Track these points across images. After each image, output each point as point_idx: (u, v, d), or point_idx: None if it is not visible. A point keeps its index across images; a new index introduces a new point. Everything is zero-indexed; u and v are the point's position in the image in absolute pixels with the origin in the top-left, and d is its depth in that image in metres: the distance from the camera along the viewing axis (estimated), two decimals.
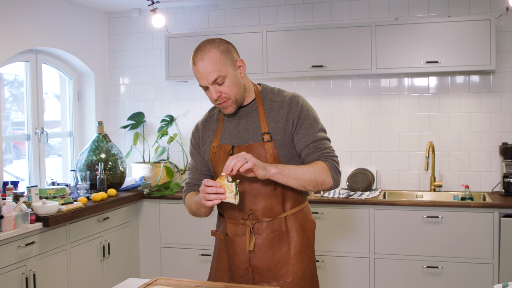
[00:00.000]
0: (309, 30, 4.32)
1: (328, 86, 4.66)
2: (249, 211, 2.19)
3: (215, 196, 1.99)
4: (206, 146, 2.31)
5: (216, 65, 2.11)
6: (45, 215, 3.47)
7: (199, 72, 2.13)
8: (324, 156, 2.17)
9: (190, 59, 2.17)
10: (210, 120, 2.37)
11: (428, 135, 4.46)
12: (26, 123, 4.34)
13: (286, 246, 2.20)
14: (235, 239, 2.21)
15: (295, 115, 2.20)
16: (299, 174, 2.09)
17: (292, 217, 2.23)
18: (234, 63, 2.17)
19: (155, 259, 4.58)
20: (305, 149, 2.19)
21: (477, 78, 4.35)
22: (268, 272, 2.20)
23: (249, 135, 2.21)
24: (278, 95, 2.27)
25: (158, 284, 2.08)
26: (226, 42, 2.18)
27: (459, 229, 3.87)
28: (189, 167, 2.43)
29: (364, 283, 4.07)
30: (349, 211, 4.06)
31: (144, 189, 4.62)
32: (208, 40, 2.17)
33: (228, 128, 2.27)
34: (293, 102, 2.22)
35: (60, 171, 4.86)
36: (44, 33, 4.31)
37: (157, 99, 5.09)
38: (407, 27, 4.13)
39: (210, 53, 2.11)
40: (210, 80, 2.12)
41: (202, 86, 2.17)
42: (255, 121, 2.22)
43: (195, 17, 4.94)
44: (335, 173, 2.16)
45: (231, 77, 2.15)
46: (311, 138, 2.19)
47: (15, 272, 3.28)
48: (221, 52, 2.13)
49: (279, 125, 2.19)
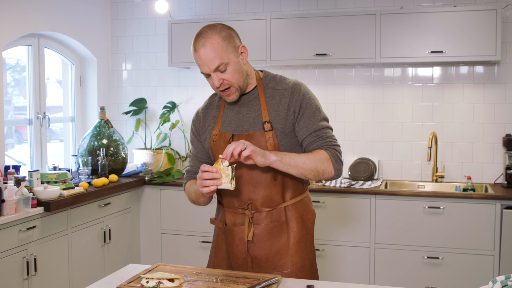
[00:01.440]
0: (313, 18, 4.29)
1: (332, 75, 4.63)
2: (249, 201, 2.17)
3: (211, 182, 1.95)
4: (207, 134, 2.28)
5: (218, 52, 2.06)
6: (47, 200, 3.47)
7: (200, 59, 2.08)
8: (326, 145, 2.14)
9: (191, 45, 2.12)
10: (211, 107, 2.33)
11: (431, 125, 4.44)
12: (28, 107, 4.33)
13: (285, 236, 2.18)
14: (233, 228, 2.19)
15: (297, 103, 2.16)
16: (300, 162, 2.06)
17: (292, 207, 2.21)
18: (236, 50, 2.12)
19: (155, 245, 4.59)
20: (307, 138, 2.16)
21: (482, 68, 4.32)
22: (267, 262, 2.19)
23: (250, 123, 2.18)
24: (280, 82, 2.23)
25: (159, 270, 2.08)
26: (227, 28, 2.13)
27: (461, 220, 3.87)
28: (190, 155, 2.40)
29: (364, 273, 4.07)
30: (351, 201, 4.06)
31: (145, 175, 4.62)
32: (209, 25, 2.11)
33: (229, 116, 2.24)
34: (295, 90, 2.18)
35: (61, 156, 4.85)
36: (46, 18, 4.28)
37: (159, 85, 5.07)
38: (412, 16, 4.10)
39: (212, 40, 2.06)
40: (212, 67, 2.07)
41: (204, 73, 2.12)
42: (256, 110, 2.19)
43: (198, 3, 4.90)
44: (336, 162, 2.12)
45: (234, 63, 2.10)
46: (313, 127, 2.15)
47: (16, 256, 3.29)
48: (223, 38, 2.08)
49: (280, 113, 2.16)
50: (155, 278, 1.91)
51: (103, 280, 2.05)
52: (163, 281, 1.91)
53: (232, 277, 2.01)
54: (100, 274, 4.05)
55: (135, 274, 2.07)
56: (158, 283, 1.90)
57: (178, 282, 1.92)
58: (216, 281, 1.97)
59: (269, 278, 1.96)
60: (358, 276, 4.08)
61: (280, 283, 1.99)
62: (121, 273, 2.14)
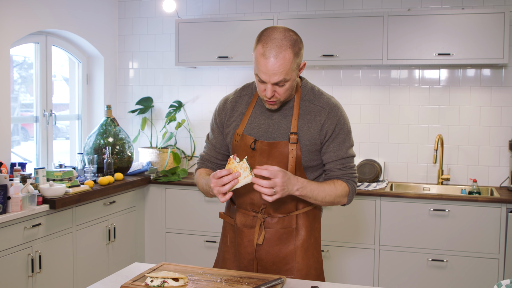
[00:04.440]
0: (321, 19, 4.29)
1: (338, 76, 4.63)
2: (263, 205, 2.17)
3: (229, 186, 1.94)
4: (231, 129, 2.23)
5: (286, 68, 1.97)
6: (52, 197, 3.48)
7: (266, 67, 1.97)
8: (348, 176, 2.19)
9: (259, 46, 2.00)
10: (240, 101, 2.25)
11: (437, 127, 4.43)
12: (34, 105, 4.35)
13: (293, 243, 2.19)
14: (244, 230, 2.20)
15: (331, 126, 2.14)
16: (320, 197, 2.11)
17: (303, 215, 2.21)
18: (298, 66, 2.05)
19: (160, 244, 4.59)
20: (332, 163, 2.18)
21: (489, 71, 4.31)
22: (272, 266, 2.20)
23: (279, 132, 2.15)
24: (318, 98, 2.18)
25: (164, 269, 2.09)
26: (300, 41, 2.03)
27: (466, 223, 3.86)
28: (207, 141, 2.35)
29: (368, 274, 4.07)
30: (356, 202, 4.05)
31: (150, 174, 4.63)
32: (285, 32, 2.00)
33: (259, 118, 2.19)
34: (332, 111, 2.15)
35: (67, 154, 4.87)
36: (54, 15, 4.30)
37: (165, 84, 5.08)
38: (420, 18, 4.09)
39: (285, 53, 1.96)
40: (273, 80, 1.99)
41: (261, 78, 2.02)
42: (287, 119, 2.15)
43: (206, 3, 4.90)
44: (352, 195, 2.21)
45: (292, 81, 2.04)
46: (340, 154, 2.17)
47: (21, 253, 3.30)
48: (295, 54, 1.99)
49: (312, 131, 2.14)
50: (159, 277, 1.91)
51: (108, 279, 2.06)
52: (168, 280, 1.91)
53: (237, 277, 2.01)
54: (104, 272, 4.06)
55: (140, 273, 2.08)
56: (162, 282, 1.90)
57: (183, 281, 1.93)
58: (220, 281, 1.97)
59: (273, 279, 1.96)
60: (362, 278, 4.08)
61: (284, 284, 1.99)
62: (126, 271, 2.14)
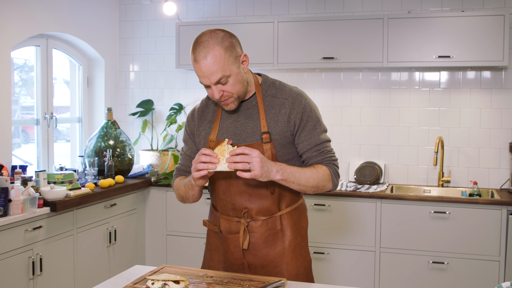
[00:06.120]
0: (321, 22, 4.29)
1: (338, 78, 4.63)
2: (244, 209, 2.14)
3: (205, 165, 1.91)
4: (201, 138, 2.23)
5: (220, 65, 1.96)
6: (53, 200, 3.49)
7: (201, 71, 1.98)
8: (327, 160, 2.15)
9: (191, 53, 2.00)
10: (207, 110, 2.25)
11: (438, 130, 4.44)
12: (35, 107, 4.35)
13: (280, 244, 2.17)
14: (228, 236, 2.16)
15: (298, 116, 2.11)
16: (303, 181, 2.06)
17: (287, 216, 2.19)
18: (238, 59, 2.03)
19: (161, 247, 4.60)
20: (308, 152, 2.15)
21: (489, 74, 4.31)
22: (262, 269, 2.17)
23: (248, 133, 2.13)
24: (280, 90, 2.16)
25: (165, 272, 2.09)
26: (229, 36, 2.03)
27: (466, 225, 3.86)
28: (181, 153, 2.35)
29: (369, 277, 4.07)
30: (356, 204, 4.06)
31: (151, 176, 4.63)
32: (211, 33, 2.01)
33: (226, 123, 2.17)
34: (296, 101, 2.13)
35: (68, 157, 4.87)
36: (55, 18, 4.30)
37: (166, 87, 5.09)
38: (420, 20, 4.10)
39: (214, 51, 1.96)
40: (213, 80, 1.98)
41: (203, 84, 2.03)
42: (254, 119, 2.13)
43: (206, 5, 4.92)
44: (336, 178, 2.16)
45: (235, 75, 2.02)
46: (314, 141, 2.14)
47: (22, 255, 3.30)
48: (225, 49, 1.98)
49: (279, 124, 2.11)
50: (160, 279, 1.91)
51: (109, 281, 2.06)
52: (169, 283, 1.91)
53: (238, 280, 2.01)
54: (105, 275, 4.06)
55: (141, 275, 2.08)
56: (163, 284, 1.90)
57: (184, 284, 1.93)
58: (221, 283, 1.97)
59: (274, 281, 1.96)
60: (363, 280, 4.08)
61: (285, 287, 1.99)
62: (127, 274, 2.15)
